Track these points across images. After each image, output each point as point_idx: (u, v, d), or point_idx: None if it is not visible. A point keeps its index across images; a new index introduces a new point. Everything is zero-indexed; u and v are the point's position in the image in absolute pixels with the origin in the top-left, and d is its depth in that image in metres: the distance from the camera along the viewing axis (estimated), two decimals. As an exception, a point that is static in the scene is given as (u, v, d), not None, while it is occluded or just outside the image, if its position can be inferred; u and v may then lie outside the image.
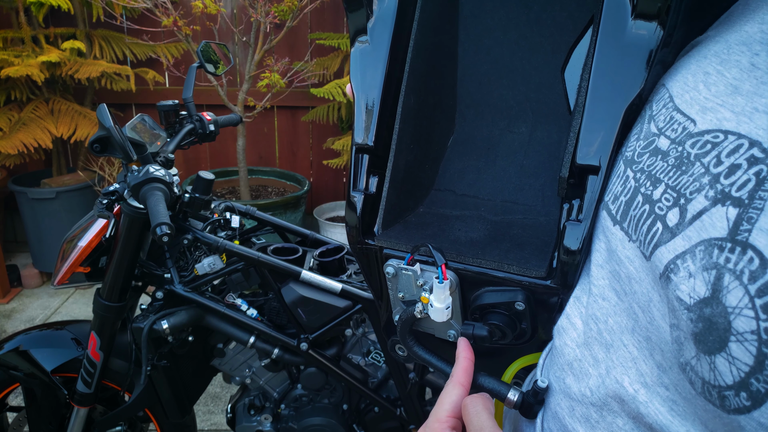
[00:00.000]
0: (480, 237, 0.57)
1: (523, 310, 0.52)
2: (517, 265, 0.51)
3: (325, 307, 1.33)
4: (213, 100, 3.32)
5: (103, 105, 1.19)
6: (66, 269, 1.32)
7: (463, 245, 0.55)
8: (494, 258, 0.52)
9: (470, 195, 0.63)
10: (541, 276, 0.50)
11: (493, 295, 0.53)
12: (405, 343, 0.59)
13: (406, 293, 0.56)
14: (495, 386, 0.51)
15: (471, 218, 0.60)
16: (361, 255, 0.60)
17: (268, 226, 1.57)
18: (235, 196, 3.37)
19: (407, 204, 0.63)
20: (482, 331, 0.52)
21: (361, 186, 0.60)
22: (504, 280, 0.52)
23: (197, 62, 1.52)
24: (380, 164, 0.60)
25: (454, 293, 0.54)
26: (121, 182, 1.30)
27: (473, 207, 0.61)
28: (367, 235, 0.60)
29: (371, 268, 0.61)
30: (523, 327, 0.53)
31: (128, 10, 3.32)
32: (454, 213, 0.62)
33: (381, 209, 0.60)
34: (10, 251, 3.66)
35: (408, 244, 0.56)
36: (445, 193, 0.65)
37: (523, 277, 0.51)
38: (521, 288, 0.52)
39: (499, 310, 0.53)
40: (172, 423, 1.56)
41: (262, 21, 2.91)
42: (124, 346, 1.45)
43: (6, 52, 2.93)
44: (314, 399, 1.50)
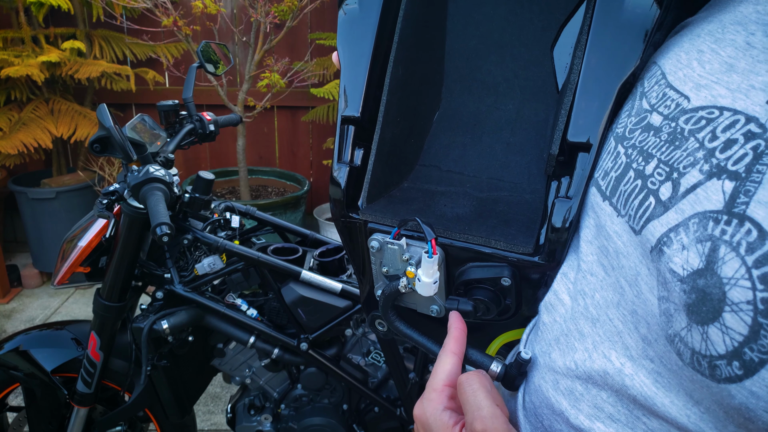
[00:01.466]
0: (466, 213, 0.56)
1: (509, 285, 0.52)
2: (504, 241, 0.51)
3: (325, 307, 1.33)
4: (213, 100, 3.32)
5: (103, 105, 1.19)
6: (66, 269, 1.33)
7: (450, 221, 0.55)
8: (481, 234, 0.52)
9: (455, 171, 0.63)
10: (529, 252, 0.50)
11: (479, 271, 0.53)
12: (386, 317, 0.59)
13: (390, 268, 0.56)
14: (478, 358, 0.52)
15: (456, 194, 0.60)
16: (344, 229, 0.60)
17: (268, 226, 1.57)
18: (235, 196, 3.37)
19: (392, 178, 0.63)
20: (467, 306, 0.53)
21: (346, 158, 0.59)
22: (490, 256, 0.52)
23: (197, 62, 1.52)
24: (366, 136, 0.60)
25: (439, 268, 0.54)
26: (121, 182, 1.30)
27: (458, 183, 0.61)
28: (351, 208, 0.59)
29: (354, 242, 0.60)
30: (507, 303, 0.54)
31: (128, 10, 3.32)
32: (439, 189, 0.62)
33: (366, 182, 0.59)
34: (10, 251, 3.66)
35: (393, 218, 0.56)
36: (430, 168, 0.64)
37: (510, 253, 0.51)
38: (508, 264, 0.52)
39: (484, 286, 0.53)
40: (172, 423, 1.56)
41: (262, 21, 2.91)
42: (124, 346, 1.45)
43: (6, 52, 2.93)
44: (314, 399, 1.51)
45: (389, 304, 0.58)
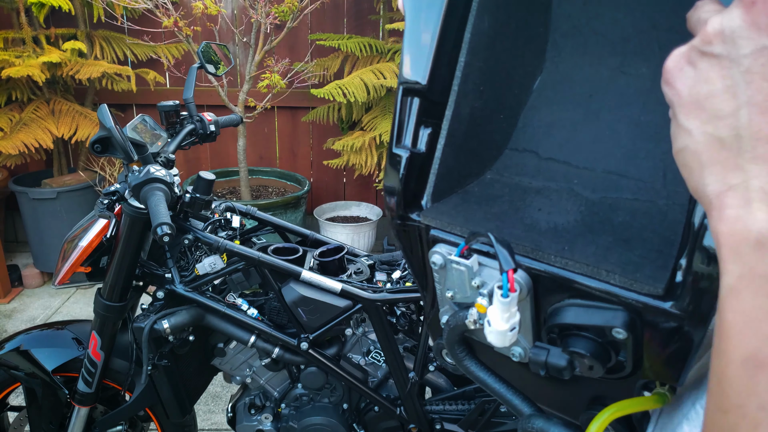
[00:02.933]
0: (569, 223, 0.41)
1: (624, 339, 0.36)
2: (622, 273, 0.36)
3: (325, 307, 1.33)
4: (213, 101, 3.33)
5: (104, 105, 1.19)
6: (67, 269, 1.33)
7: (544, 234, 0.41)
8: (587, 258, 0.38)
9: (559, 160, 0.46)
10: (657, 294, 0.35)
11: (581, 313, 0.38)
12: (453, 354, 0.46)
13: (457, 293, 0.42)
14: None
15: (558, 193, 0.44)
16: (401, 233, 0.47)
17: (269, 226, 1.57)
18: (236, 196, 3.37)
19: (470, 168, 0.48)
20: (560, 361, 0.38)
21: (407, 141, 0.45)
22: (599, 292, 0.37)
23: (198, 63, 1.53)
24: (436, 112, 0.45)
25: (524, 301, 0.40)
26: (122, 182, 1.31)
27: (562, 178, 0.45)
28: (411, 207, 0.46)
29: (413, 251, 0.47)
30: (620, 360, 0.38)
31: (129, 10, 3.32)
32: (534, 184, 0.46)
33: (433, 174, 0.46)
34: (10, 251, 3.67)
35: (465, 225, 0.42)
36: (524, 154, 0.48)
37: (628, 293, 0.36)
38: (624, 307, 0.36)
39: (587, 335, 0.38)
40: (172, 422, 1.57)
41: (262, 22, 2.92)
42: (124, 346, 1.45)
43: (7, 53, 2.93)
44: (314, 398, 1.51)
45: (456, 339, 0.45)
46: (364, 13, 3.51)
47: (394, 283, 1.40)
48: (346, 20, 3.55)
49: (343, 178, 3.89)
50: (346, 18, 3.54)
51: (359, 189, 3.88)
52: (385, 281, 1.41)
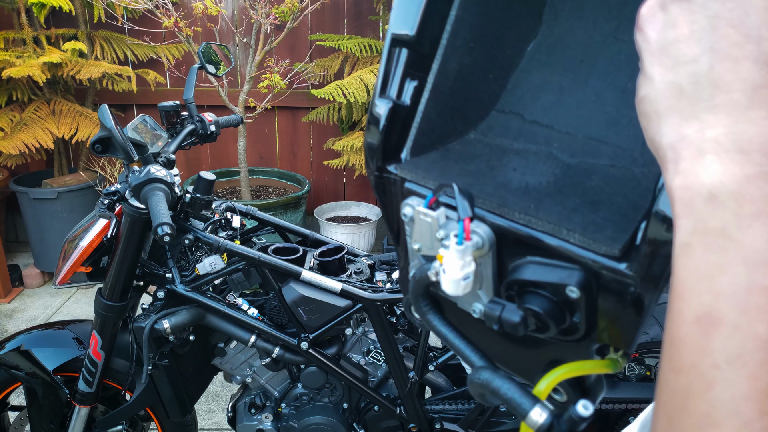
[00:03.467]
0: (541, 184, 0.41)
1: (578, 298, 0.36)
2: (582, 233, 0.36)
3: (325, 307, 1.34)
4: (214, 101, 3.33)
5: (105, 106, 1.20)
6: (67, 269, 1.33)
7: (513, 192, 0.40)
8: (551, 217, 0.37)
9: (543, 123, 0.45)
10: (613, 255, 0.35)
11: (538, 270, 0.38)
12: (417, 307, 0.46)
13: (422, 245, 0.42)
14: (515, 396, 0.38)
15: (536, 155, 0.44)
16: (378, 186, 0.46)
17: (269, 226, 1.58)
18: (236, 196, 3.38)
19: (453, 125, 0.47)
20: (514, 317, 0.38)
21: (392, 92, 0.44)
22: (558, 250, 0.37)
23: (198, 63, 1.53)
24: (423, 66, 0.44)
25: (486, 256, 0.40)
26: (123, 182, 1.31)
27: (543, 141, 0.45)
28: (390, 160, 0.45)
29: (389, 205, 0.47)
30: (574, 321, 0.38)
31: (129, 11, 3.33)
32: (515, 146, 0.45)
33: (414, 128, 0.45)
34: (11, 251, 3.67)
35: (439, 179, 0.42)
36: (510, 116, 0.47)
37: (585, 252, 0.36)
38: (581, 267, 0.36)
39: (543, 292, 0.38)
40: (173, 422, 1.57)
41: (262, 22, 2.92)
42: (125, 346, 1.46)
43: (7, 53, 2.94)
44: (314, 398, 1.51)
45: (420, 292, 0.44)
46: (364, 13, 3.51)
47: (394, 283, 1.40)
48: (346, 21, 3.55)
49: (343, 178, 3.89)
50: (346, 18, 3.54)
51: (359, 189, 3.89)
52: (385, 281, 1.41)
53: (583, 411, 0.36)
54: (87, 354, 1.41)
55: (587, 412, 0.36)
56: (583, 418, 0.36)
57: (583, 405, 0.36)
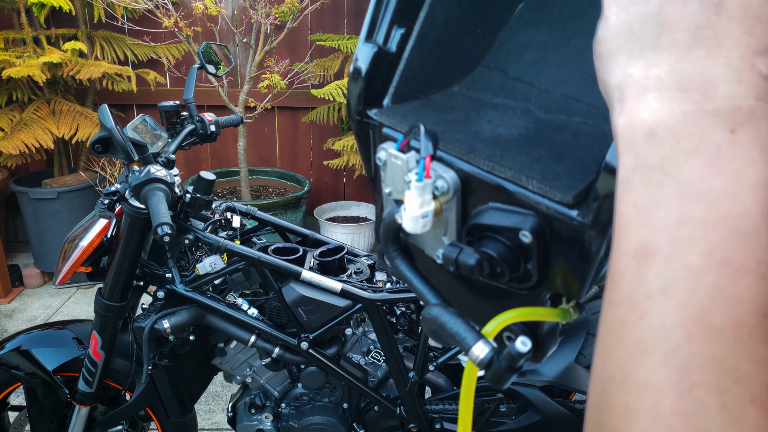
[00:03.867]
0: (511, 135, 0.42)
1: (530, 243, 0.38)
2: (540, 181, 0.37)
3: (325, 307, 1.34)
4: (214, 101, 3.33)
5: (105, 106, 1.20)
6: (67, 269, 1.33)
7: (483, 141, 0.41)
8: (514, 165, 0.38)
9: (524, 80, 0.46)
10: (566, 202, 0.36)
11: (497, 215, 0.39)
12: (386, 251, 0.47)
13: (393, 189, 0.43)
14: (460, 330, 0.39)
15: (513, 110, 0.45)
16: (359, 132, 0.47)
17: (269, 226, 1.58)
18: (236, 196, 3.38)
19: (437, 77, 0.48)
20: (469, 259, 0.39)
21: (378, 38, 0.45)
22: (516, 196, 0.38)
23: (198, 63, 1.53)
24: (412, 14, 0.45)
25: (451, 202, 0.41)
26: (123, 182, 1.31)
27: (522, 96, 0.45)
28: (371, 105, 0.46)
29: (367, 151, 0.48)
30: (528, 268, 0.39)
31: (129, 11, 3.33)
32: (494, 100, 0.46)
33: (397, 75, 0.46)
34: (11, 251, 3.67)
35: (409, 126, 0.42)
36: (494, 72, 0.48)
37: (540, 198, 0.37)
38: (536, 213, 0.37)
39: (499, 237, 0.39)
40: (173, 422, 1.57)
41: (262, 22, 2.92)
42: (125, 346, 1.46)
43: (7, 53, 2.94)
44: (314, 398, 1.51)
45: (390, 236, 0.45)
46: (364, 13, 3.50)
47: (394, 282, 1.40)
48: (346, 20, 3.55)
49: (343, 178, 3.89)
50: (346, 18, 3.54)
51: (359, 189, 3.89)
52: (385, 281, 1.41)
53: (521, 347, 0.36)
54: (87, 354, 1.41)
55: (525, 348, 0.36)
56: (521, 353, 0.36)
57: (522, 341, 0.36)
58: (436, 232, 0.43)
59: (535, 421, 1.44)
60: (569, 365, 1.42)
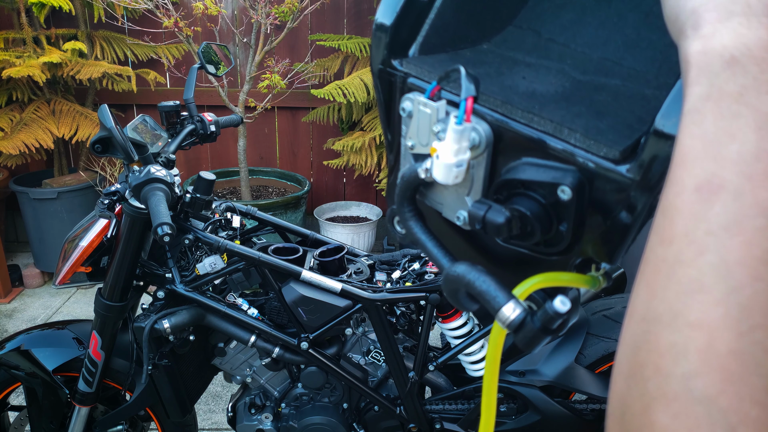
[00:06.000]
0: (548, 92, 0.39)
1: (568, 200, 0.35)
2: (584, 134, 0.34)
3: (325, 307, 1.34)
4: (214, 101, 3.33)
5: (105, 106, 1.20)
6: (67, 269, 1.33)
7: (519, 94, 0.39)
8: (554, 117, 0.36)
9: (559, 42, 0.44)
10: (613, 157, 0.33)
11: (532, 170, 0.36)
12: (400, 210, 0.43)
13: (416, 141, 0.40)
14: (491, 290, 0.35)
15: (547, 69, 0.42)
16: (381, 81, 0.44)
17: (269, 226, 1.58)
18: (236, 196, 3.38)
19: (468, 32, 0.46)
20: (498, 217, 0.36)
21: None
22: (556, 151, 0.35)
23: (198, 63, 1.53)
24: None
25: (480, 158, 0.38)
26: (123, 182, 1.31)
27: (557, 57, 0.43)
28: (396, 54, 0.43)
29: (389, 104, 0.45)
30: (560, 230, 0.36)
31: (129, 11, 3.33)
32: (527, 59, 0.44)
33: (427, 23, 0.43)
34: (11, 251, 3.67)
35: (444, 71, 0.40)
36: (527, 32, 0.46)
37: (584, 152, 0.34)
38: (577, 168, 0.35)
39: (532, 194, 0.36)
40: (173, 422, 1.57)
41: (262, 22, 2.92)
42: (125, 346, 1.46)
43: (7, 53, 2.94)
44: (314, 398, 1.51)
45: (407, 194, 0.42)
46: (364, 13, 3.51)
47: (394, 283, 1.40)
48: (346, 21, 3.55)
49: (343, 178, 3.89)
50: (346, 18, 3.54)
51: (359, 189, 3.89)
52: (385, 281, 1.41)
53: (561, 306, 0.33)
54: (87, 354, 1.41)
55: (565, 308, 0.33)
56: (560, 313, 0.33)
57: (561, 300, 0.33)
58: (459, 191, 0.40)
59: (535, 421, 1.44)
60: (569, 365, 1.42)
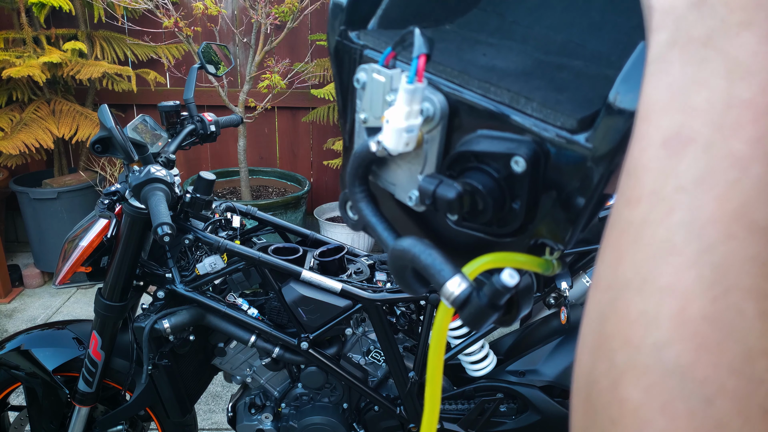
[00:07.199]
0: (508, 67, 0.38)
1: (522, 172, 0.33)
2: (541, 103, 0.33)
3: (325, 307, 1.34)
4: (214, 101, 3.33)
5: (105, 106, 1.20)
6: (67, 269, 1.33)
7: (477, 67, 0.37)
8: (512, 88, 0.34)
9: (523, 24, 0.43)
10: (570, 127, 0.32)
11: (486, 142, 0.35)
12: (352, 191, 0.41)
13: (369, 114, 0.38)
14: (436, 263, 0.33)
15: (509, 49, 0.41)
16: (336, 54, 0.42)
17: (269, 226, 1.58)
18: (236, 196, 3.38)
19: (431, 9, 0.45)
20: (449, 192, 0.34)
21: None
22: (512, 122, 0.34)
23: (198, 63, 1.53)
24: None
25: (434, 131, 0.36)
26: (123, 182, 1.31)
27: (520, 39, 0.42)
28: (354, 26, 0.41)
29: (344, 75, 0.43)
30: (513, 207, 0.35)
31: (129, 11, 3.33)
32: (489, 40, 0.42)
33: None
34: (11, 251, 3.67)
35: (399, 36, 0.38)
36: (491, 15, 0.44)
37: (541, 123, 0.33)
38: (532, 139, 0.34)
39: (485, 167, 0.35)
40: (173, 422, 1.57)
41: (262, 22, 2.92)
42: (125, 346, 1.46)
43: (7, 53, 2.94)
44: (314, 398, 1.51)
45: (359, 173, 0.40)
46: (364, 13, 3.51)
47: (394, 283, 1.40)
48: (347, 20, 3.55)
49: (343, 178, 3.89)
50: None
51: (359, 189, 3.88)
52: (385, 281, 1.41)
53: (509, 279, 0.31)
54: (87, 354, 1.41)
55: (513, 281, 0.31)
56: (508, 287, 0.31)
57: (510, 273, 0.31)
58: (412, 169, 0.38)
59: (535, 421, 1.44)
60: (569, 365, 1.42)
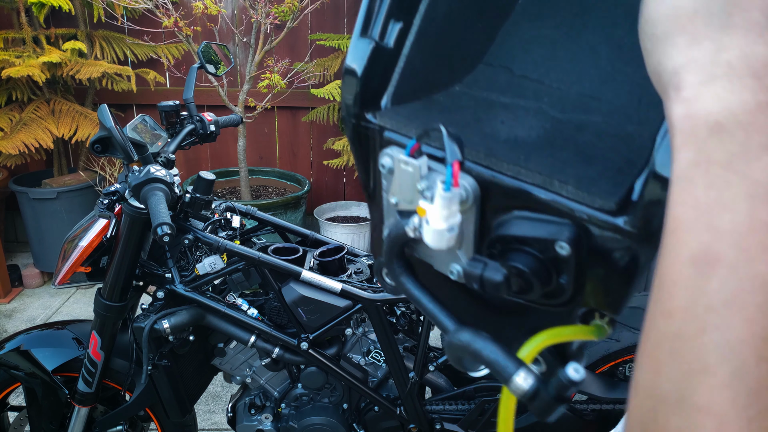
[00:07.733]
0: (530, 137, 0.38)
1: (567, 256, 0.33)
2: (575, 186, 0.33)
3: (325, 307, 1.34)
4: (214, 101, 3.33)
5: (104, 105, 1.19)
6: (67, 269, 1.33)
7: (501, 144, 0.37)
8: (542, 169, 0.34)
9: (532, 78, 0.42)
10: (609, 209, 0.32)
11: (526, 225, 0.35)
12: (390, 268, 0.42)
13: (400, 199, 0.39)
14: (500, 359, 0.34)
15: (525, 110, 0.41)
16: (354, 137, 0.43)
17: (269, 226, 1.58)
18: (236, 196, 3.37)
19: (438, 75, 0.45)
20: (496, 275, 0.34)
21: (374, 32, 0.40)
22: (549, 204, 0.34)
23: (198, 63, 1.53)
24: (409, 7, 0.41)
25: (469, 211, 0.37)
26: (122, 182, 1.31)
27: (533, 95, 0.42)
28: (368, 107, 0.42)
29: (365, 157, 0.43)
30: (561, 282, 0.35)
31: (129, 10, 3.32)
32: (502, 99, 0.42)
33: (397, 73, 0.42)
34: (11, 251, 3.67)
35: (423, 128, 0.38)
36: (498, 70, 0.44)
37: (579, 205, 0.33)
38: (572, 222, 0.34)
39: (529, 249, 0.35)
40: (172, 422, 1.57)
41: (262, 22, 2.92)
42: (125, 346, 1.45)
43: (7, 53, 2.94)
44: (314, 398, 1.51)
45: (395, 251, 0.41)
46: (364, 13, 3.51)
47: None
48: (346, 20, 3.55)
49: (343, 178, 3.89)
50: (346, 18, 3.54)
51: (359, 189, 3.88)
52: (385, 281, 1.41)
53: (574, 374, 0.32)
54: (87, 354, 1.41)
55: (578, 376, 0.32)
56: (574, 382, 0.32)
57: (574, 368, 0.32)
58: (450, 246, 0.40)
59: (535, 421, 1.44)
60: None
